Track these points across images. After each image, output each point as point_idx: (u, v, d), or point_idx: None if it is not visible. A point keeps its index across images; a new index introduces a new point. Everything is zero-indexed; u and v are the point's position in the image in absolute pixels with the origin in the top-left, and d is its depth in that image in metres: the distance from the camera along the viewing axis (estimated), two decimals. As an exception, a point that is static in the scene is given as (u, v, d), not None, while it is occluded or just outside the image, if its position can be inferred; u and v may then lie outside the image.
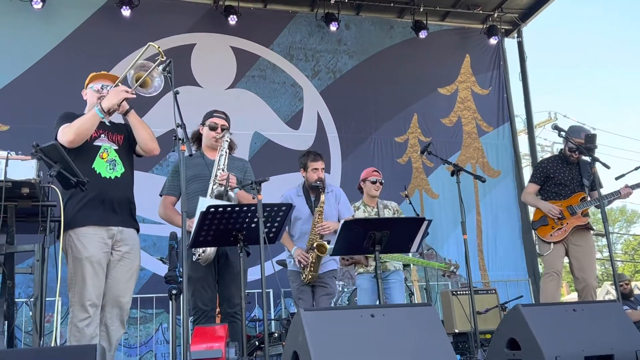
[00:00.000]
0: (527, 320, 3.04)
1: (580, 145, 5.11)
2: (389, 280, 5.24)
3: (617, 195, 5.28)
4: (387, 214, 5.39)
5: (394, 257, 5.29)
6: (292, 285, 4.92)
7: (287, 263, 5.00)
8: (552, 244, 5.27)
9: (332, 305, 5.08)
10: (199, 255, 4.04)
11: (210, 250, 4.06)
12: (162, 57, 3.48)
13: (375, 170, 5.50)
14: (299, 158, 5.09)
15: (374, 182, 5.38)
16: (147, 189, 4.96)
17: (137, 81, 3.70)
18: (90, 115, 3.66)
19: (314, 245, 4.67)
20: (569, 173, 5.40)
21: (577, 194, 5.35)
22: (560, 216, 5.25)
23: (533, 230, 5.44)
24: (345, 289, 6.45)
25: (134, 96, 3.70)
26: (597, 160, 4.87)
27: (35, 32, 7.55)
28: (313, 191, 4.91)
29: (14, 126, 7.07)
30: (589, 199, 5.31)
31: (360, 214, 5.32)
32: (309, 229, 4.77)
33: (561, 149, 5.59)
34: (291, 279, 4.92)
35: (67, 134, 3.61)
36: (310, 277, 4.73)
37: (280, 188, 5.29)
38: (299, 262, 4.74)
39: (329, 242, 4.66)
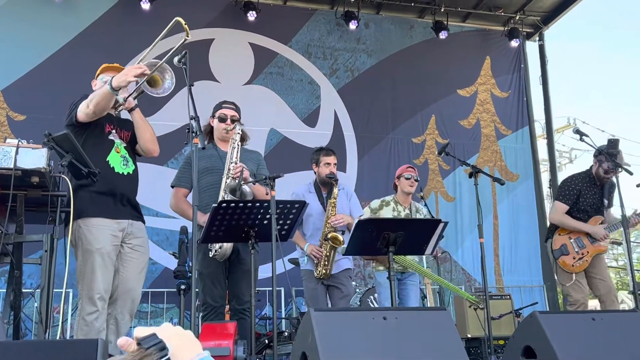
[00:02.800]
0: (544, 328, 2.95)
1: (612, 156, 4.84)
2: (406, 282, 5.07)
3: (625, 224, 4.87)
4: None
5: (424, 272, 5.14)
6: (306, 286, 4.79)
7: (300, 262, 4.90)
8: (573, 274, 5.04)
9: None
10: (215, 251, 3.98)
11: (227, 246, 3.99)
12: (187, 35, 3.35)
13: (410, 167, 5.28)
14: (312, 154, 5.03)
15: (408, 179, 5.12)
16: (162, 183, 4.92)
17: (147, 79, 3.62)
18: (103, 91, 3.48)
19: (328, 236, 4.56)
20: (593, 197, 5.16)
21: (594, 218, 5.12)
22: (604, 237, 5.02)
23: (554, 260, 5.14)
24: (358, 290, 6.37)
25: (140, 77, 3.51)
26: (620, 166, 4.72)
27: (54, 24, 7.58)
28: (325, 187, 4.85)
29: (31, 116, 7.10)
30: (606, 222, 5.10)
31: (388, 211, 5.10)
32: (322, 225, 4.67)
33: (591, 166, 5.26)
34: (304, 278, 4.80)
35: (86, 106, 3.50)
36: (323, 272, 4.61)
37: (295, 185, 5.23)
38: (313, 257, 4.65)
39: (343, 233, 4.57)
